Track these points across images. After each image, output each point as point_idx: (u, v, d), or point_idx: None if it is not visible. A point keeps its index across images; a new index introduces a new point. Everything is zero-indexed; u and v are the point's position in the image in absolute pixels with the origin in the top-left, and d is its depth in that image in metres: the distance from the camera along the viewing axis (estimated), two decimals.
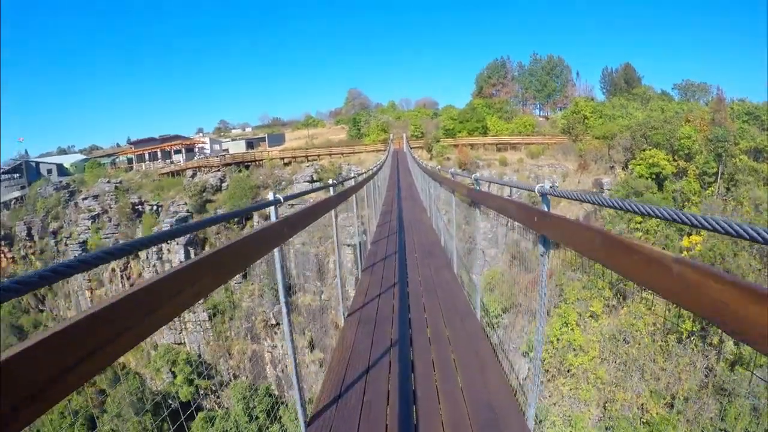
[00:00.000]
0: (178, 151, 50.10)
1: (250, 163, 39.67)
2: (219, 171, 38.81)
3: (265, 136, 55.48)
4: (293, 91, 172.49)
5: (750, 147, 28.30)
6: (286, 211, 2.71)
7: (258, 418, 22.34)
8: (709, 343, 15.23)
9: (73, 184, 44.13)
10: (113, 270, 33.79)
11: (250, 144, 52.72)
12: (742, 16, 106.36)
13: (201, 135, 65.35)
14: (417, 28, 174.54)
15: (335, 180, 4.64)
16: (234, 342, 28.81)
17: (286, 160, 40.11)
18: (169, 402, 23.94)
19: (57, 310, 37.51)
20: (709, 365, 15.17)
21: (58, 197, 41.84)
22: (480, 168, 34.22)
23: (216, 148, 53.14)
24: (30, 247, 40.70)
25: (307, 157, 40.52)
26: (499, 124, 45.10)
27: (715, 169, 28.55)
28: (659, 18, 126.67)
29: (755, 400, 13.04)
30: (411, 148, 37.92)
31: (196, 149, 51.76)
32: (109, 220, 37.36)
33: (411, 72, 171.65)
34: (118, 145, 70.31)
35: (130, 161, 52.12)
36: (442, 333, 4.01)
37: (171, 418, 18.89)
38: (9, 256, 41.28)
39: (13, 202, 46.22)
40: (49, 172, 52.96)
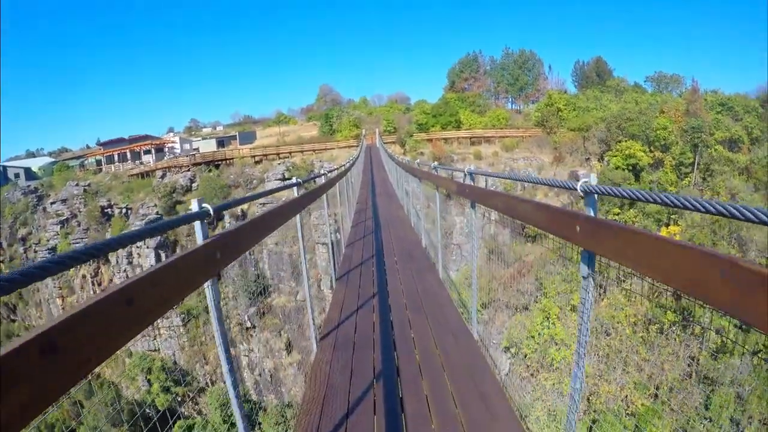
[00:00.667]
0: (148, 152, 48.75)
1: (220, 162, 38.88)
2: (189, 171, 38.06)
3: (237, 134, 54.74)
4: (265, 89, 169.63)
5: (725, 137, 28.82)
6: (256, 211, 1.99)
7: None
8: (691, 333, 15.23)
9: (42, 188, 42.15)
10: (84, 276, 32.21)
11: (221, 142, 52.07)
12: (712, 7, 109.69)
13: (171, 134, 64.35)
14: (388, 23, 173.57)
15: (299, 178, 3.82)
16: (209, 347, 27.85)
17: (257, 158, 39.16)
18: (147, 411, 22.90)
19: (29, 319, 35.90)
20: (692, 354, 15.19)
21: (26, 202, 39.90)
22: (455, 162, 33.92)
23: (186, 147, 52.37)
24: None
25: (278, 154, 39.77)
26: (472, 117, 44.96)
27: (691, 159, 28.98)
28: (630, 11, 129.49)
29: (739, 388, 13.04)
30: (384, 144, 37.27)
31: (166, 149, 50.54)
32: (78, 225, 35.88)
33: (383, 68, 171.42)
34: (87, 146, 68.47)
35: (99, 163, 50.58)
36: (433, 356, 3.37)
37: (149, 428, 18.05)
38: None
39: None
40: (17, 176, 52.05)
